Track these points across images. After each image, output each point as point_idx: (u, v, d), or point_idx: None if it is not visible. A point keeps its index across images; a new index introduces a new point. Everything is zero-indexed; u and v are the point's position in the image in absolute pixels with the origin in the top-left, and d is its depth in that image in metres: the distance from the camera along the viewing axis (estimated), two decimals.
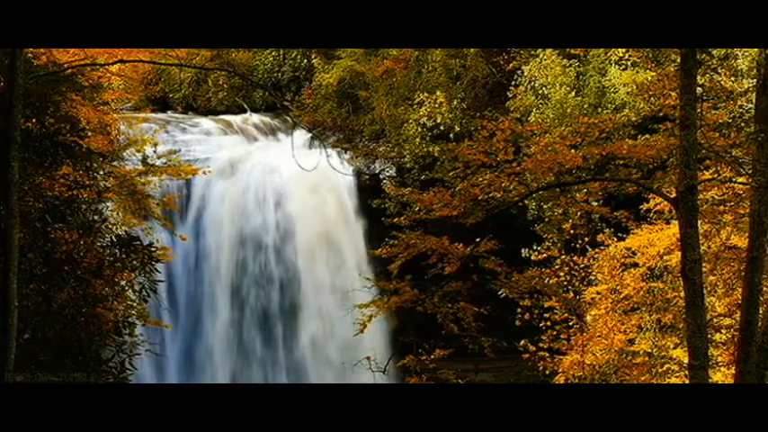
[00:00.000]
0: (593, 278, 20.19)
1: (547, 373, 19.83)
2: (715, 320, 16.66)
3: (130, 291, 15.35)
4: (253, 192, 26.46)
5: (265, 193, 26.46)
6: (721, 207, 15.69)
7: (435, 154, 25.68)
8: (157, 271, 14.22)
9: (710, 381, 13.89)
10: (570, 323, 19.91)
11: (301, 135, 27.55)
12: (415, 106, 26.64)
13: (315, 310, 26.25)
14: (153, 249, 14.05)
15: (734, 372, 13.87)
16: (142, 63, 22.91)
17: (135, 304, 16.72)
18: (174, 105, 32.19)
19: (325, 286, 26.33)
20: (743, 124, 14.71)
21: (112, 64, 18.09)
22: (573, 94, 24.40)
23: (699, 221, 12.69)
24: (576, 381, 18.71)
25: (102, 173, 16.54)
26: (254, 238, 26.27)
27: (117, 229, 17.91)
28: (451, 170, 17.80)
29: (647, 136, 18.83)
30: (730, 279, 17.10)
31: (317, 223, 26.58)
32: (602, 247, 20.17)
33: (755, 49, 15.16)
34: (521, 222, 23.80)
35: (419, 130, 26.30)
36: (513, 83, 25.65)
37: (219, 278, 25.96)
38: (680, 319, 16.73)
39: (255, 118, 29.76)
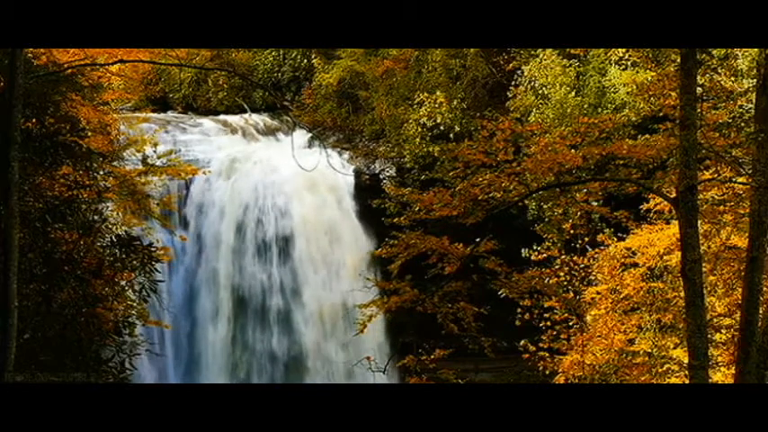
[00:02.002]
0: (593, 278, 20.17)
1: (547, 373, 19.82)
2: (715, 320, 16.65)
3: (130, 291, 15.36)
4: (252, 192, 26.45)
5: (265, 193, 26.44)
6: (721, 207, 15.68)
7: (435, 154, 25.68)
8: (157, 271, 14.23)
9: (710, 381, 13.89)
10: (570, 323, 19.89)
11: (301, 135, 27.56)
12: (415, 106, 26.64)
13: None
14: (153, 249, 14.06)
15: (734, 372, 13.87)
16: (142, 63, 22.93)
17: (135, 304, 16.73)
18: (174, 105, 32.19)
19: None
20: (743, 124, 14.70)
21: (112, 64, 18.09)
22: (573, 94, 24.40)
23: (699, 221, 12.70)
24: (576, 381, 18.70)
25: (102, 173, 16.55)
26: (252, 239, 26.26)
27: (117, 229, 17.91)
28: (451, 170, 17.80)
29: (647, 136, 18.82)
30: (730, 279, 17.09)
31: (316, 223, 26.56)
32: (602, 247, 20.16)
33: (755, 49, 15.16)
34: (521, 222, 23.80)
35: (419, 130, 26.31)
36: (513, 83, 25.66)
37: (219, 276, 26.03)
38: (680, 319, 16.73)
39: (255, 118, 29.76)
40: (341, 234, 26.53)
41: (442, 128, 26.18)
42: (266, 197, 26.37)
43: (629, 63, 24.33)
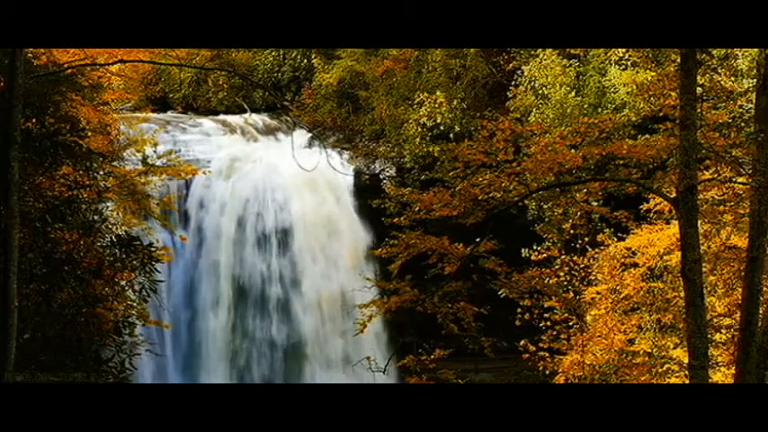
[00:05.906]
0: (593, 278, 20.17)
1: (547, 373, 19.82)
2: (715, 320, 16.66)
3: (130, 291, 15.36)
4: (253, 192, 26.44)
5: (265, 193, 26.44)
6: (721, 207, 15.69)
7: (435, 154, 25.67)
8: (157, 271, 14.22)
9: (710, 381, 13.90)
10: (570, 323, 19.89)
11: (301, 135, 27.56)
12: (415, 106, 26.64)
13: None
14: (153, 249, 14.06)
15: (734, 372, 13.88)
16: (142, 63, 22.93)
17: (135, 304, 16.74)
18: (174, 105, 32.18)
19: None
20: (743, 124, 14.71)
21: (112, 64, 18.10)
22: (573, 94, 24.39)
23: (699, 221, 12.70)
24: (576, 381, 18.70)
25: (102, 173, 16.56)
26: (253, 242, 26.26)
27: (117, 229, 17.90)
28: (451, 170, 17.78)
29: (647, 136, 18.81)
30: (730, 279, 17.09)
31: (316, 224, 26.56)
32: (602, 247, 20.16)
33: (755, 49, 15.17)
34: (521, 222, 23.78)
35: (419, 130, 26.30)
36: (513, 83, 25.65)
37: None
38: (680, 319, 16.74)
39: (255, 118, 29.76)
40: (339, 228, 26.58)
41: (441, 128, 26.17)
42: (266, 196, 26.37)
43: (629, 63, 24.32)
